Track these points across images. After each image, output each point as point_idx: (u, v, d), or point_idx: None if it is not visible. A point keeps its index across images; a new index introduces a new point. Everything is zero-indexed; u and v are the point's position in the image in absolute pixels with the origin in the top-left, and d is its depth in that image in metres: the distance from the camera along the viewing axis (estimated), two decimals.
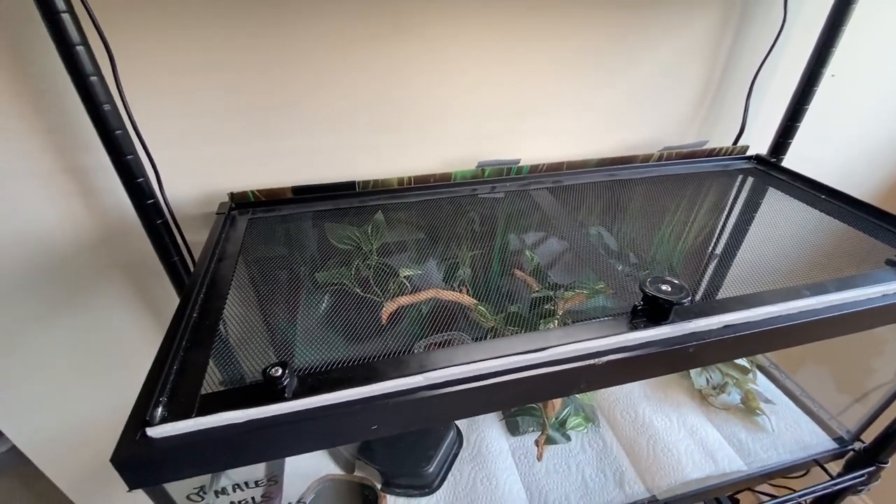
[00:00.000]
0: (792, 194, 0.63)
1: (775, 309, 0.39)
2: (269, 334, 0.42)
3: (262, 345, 0.40)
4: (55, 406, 0.71)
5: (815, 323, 0.40)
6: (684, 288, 0.37)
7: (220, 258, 0.46)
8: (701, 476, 0.59)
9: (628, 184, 0.67)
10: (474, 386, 0.33)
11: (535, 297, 0.61)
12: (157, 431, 0.28)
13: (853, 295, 0.41)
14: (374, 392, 0.31)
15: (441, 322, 0.56)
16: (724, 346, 0.37)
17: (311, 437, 0.31)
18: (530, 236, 0.66)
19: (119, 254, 0.61)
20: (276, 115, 0.58)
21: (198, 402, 0.31)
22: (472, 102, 0.64)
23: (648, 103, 0.70)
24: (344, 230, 0.54)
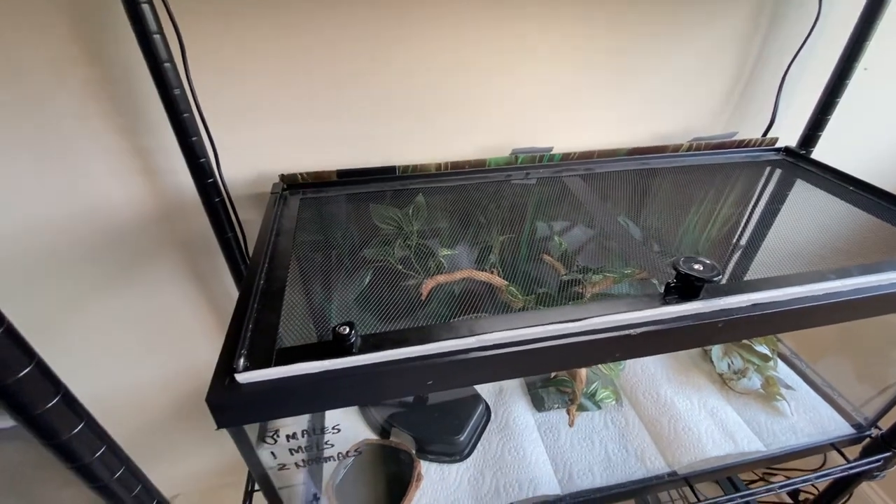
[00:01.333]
0: (820, 186, 0.65)
1: (801, 290, 0.41)
2: (327, 301, 0.46)
3: (322, 310, 0.44)
4: (112, 368, 0.77)
5: (840, 304, 0.42)
6: (716, 267, 0.40)
7: (278, 233, 0.50)
8: (720, 454, 0.62)
9: (658, 173, 0.69)
10: (520, 349, 0.36)
11: (565, 279, 0.64)
12: (243, 377, 0.32)
13: (878, 279, 0.43)
14: (432, 351, 0.35)
15: (471, 302, 0.59)
16: (752, 323, 0.40)
17: (375, 389, 0.35)
18: (560, 222, 0.68)
19: (174, 231, 0.66)
20: (322, 102, 0.61)
21: (275, 356, 0.35)
22: (507, 92, 0.66)
23: (680, 94, 0.72)
24: (387, 211, 0.58)
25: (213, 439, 0.91)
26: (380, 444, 0.62)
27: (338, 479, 0.57)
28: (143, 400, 0.81)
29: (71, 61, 0.51)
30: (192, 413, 0.86)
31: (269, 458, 0.39)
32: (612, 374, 0.65)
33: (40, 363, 0.26)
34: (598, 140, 0.72)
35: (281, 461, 0.40)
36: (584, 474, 0.61)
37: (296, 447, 0.38)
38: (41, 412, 0.26)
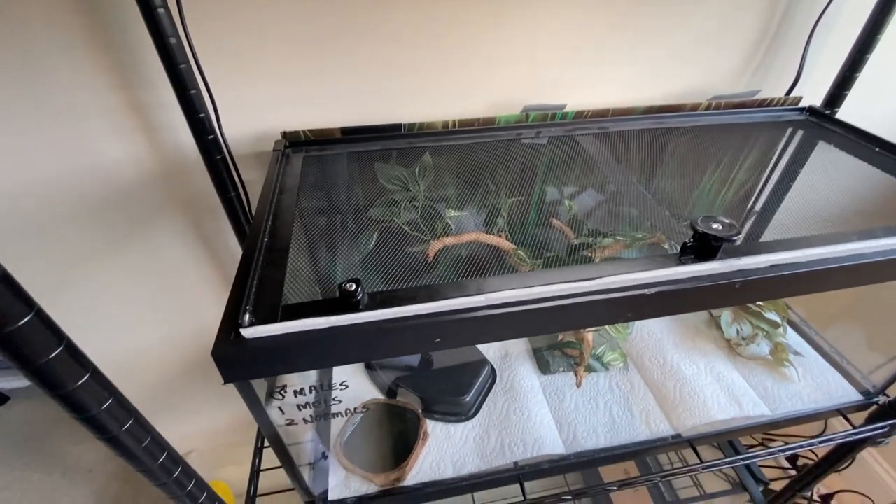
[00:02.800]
0: (844, 147, 0.62)
1: (821, 251, 0.40)
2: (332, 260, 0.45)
3: (326, 268, 0.43)
4: (118, 330, 0.78)
5: (861, 266, 0.40)
6: (735, 226, 0.38)
7: (281, 190, 0.49)
8: (725, 418, 0.62)
9: (674, 132, 0.66)
10: (530, 308, 0.35)
11: (574, 243, 0.63)
12: (248, 332, 0.32)
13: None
14: (439, 309, 0.34)
15: (479, 266, 0.58)
16: (770, 284, 0.39)
17: (382, 346, 0.34)
18: (570, 184, 0.66)
19: (177, 189, 0.65)
20: (326, 56, 0.59)
21: (280, 311, 0.34)
22: (519, 47, 0.63)
23: (701, 51, 0.68)
24: (393, 170, 0.56)
25: (224, 397, 0.93)
26: (387, 403, 0.63)
27: (345, 437, 0.58)
28: (153, 359, 0.82)
29: (62, 9, 0.49)
30: (203, 371, 0.88)
31: (277, 413, 0.39)
32: (619, 336, 0.65)
33: (41, 313, 0.25)
34: (613, 98, 0.69)
35: (289, 417, 0.40)
36: (588, 435, 0.62)
37: (303, 403, 0.38)
38: (45, 362, 0.26)
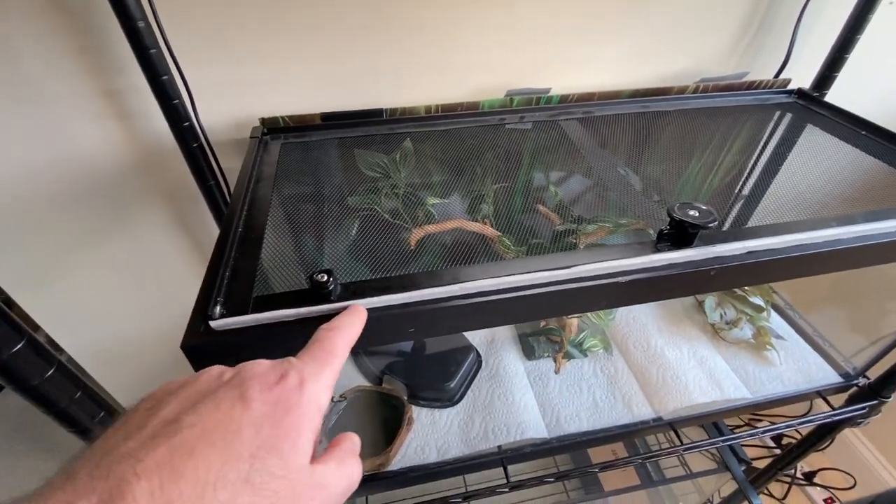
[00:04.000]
0: (831, 131, 0.61)
1: (800, 237, 0.40)
2: (307, 250, 0.45)
3: (302, 258, 0.42)
4: (103, 319, 0.77)
5: (838, 252, 0.40)
6: (712, 213, 0.38)
7: (257, 179, 0.48)
8: (706, 401, 0.63)
9: (661, 116, 0.66)
10: (504, 297, 0.35)
11: (558, 230, 0.63)
12: (218, 324, 0.32)
13: (878, 227, 0.41)
14: (413, 299, 0.34)
15: (463, 254, 0.58)
16: (746, 271, 0.39)
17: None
18: (556, 170, 0.66)
19: (157, 178, 0.64)
20: (305, 40, 0.57)
21: (251, 303, 0.34)
22: (503, 28, 0.62)
23: (688, 32, 0.67)
24: (373, 157, 0.55)
25: None
26: (372, 390, 0.63)
27: (330, 424, 0.59)
28: (139, 349, 0.82)
29: None
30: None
31: None
32: (601, 323, 0.65)
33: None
34: (599, 81, 0.68)
35: None
36: (571, 419, 0.62)
37: None
38: (6, 357, 0.25)
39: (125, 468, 0.17)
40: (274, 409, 0.20)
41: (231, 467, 0.18)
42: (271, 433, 0.20)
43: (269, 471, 0.19)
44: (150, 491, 0.16)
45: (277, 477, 0.19)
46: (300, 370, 0.23)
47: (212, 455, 0.18)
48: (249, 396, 0.20)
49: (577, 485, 1.19)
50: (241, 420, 0.19)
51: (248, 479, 0.18)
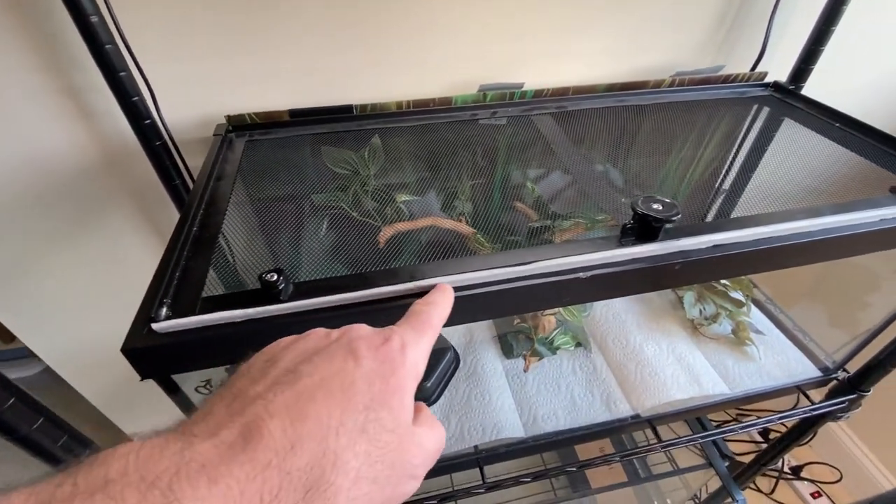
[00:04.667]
0: (806, 123, 0.61)
1: (766, 230, 0.39)
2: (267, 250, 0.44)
3: (259, 258, 0.41)
4: (78, 326, 0.76)
5: (807, 245, 0.40)
6: (675, 206, 0.37)
7: (218, 177, 0.47)
8: (685, 397, 0.62)
9: (637, 111, 0.65)
10: (462, 295, 0.34)
11: (533, 227, 0.62)
12: (161, 326, 0.31)
13: (848, 219, 0.41)
14: (366, 297, 0.33)
15: (438, 252, 0.57)
16: (711, 265, 0.38)
17: None
18: (532, 166, 0.65)
19: (124, 178, 0.62)
20: (273, 35, 0.56)
21: (199, 304, 0.33)
22: (474, 22, 0.61)
23: (663, 25, 0.66)
24: (341, 154, 0.54)
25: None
26: None
27: None
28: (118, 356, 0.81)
29: None
30: None
31: None
32: (574, 319, 0.64)
33: None
34: (573, 75, 0.67)
35: None
36: (548, 418, 0.62)
37: None
38: None
39: (258, 407, 0.18)
40: (381, 368, 0.21)
41: (349, 416, 0.19)
42: (381, 388, 0.21)
43: (381, 423, 0.20)
44: (282, 428, 0.18)
45: (388, 430, 0.20)
46: (402, 335, 0.24)
47: (331, 402, 0.19)
48: (360, 353, 0.22)
49: (564, 483, 1.18)
50: (353, 374, 0.21)
51: (363, 428, 0.19)
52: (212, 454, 0.16)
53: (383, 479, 0.19)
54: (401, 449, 0.20)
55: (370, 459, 0.19)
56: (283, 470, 0.17)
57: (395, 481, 0.20)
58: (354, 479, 0.18)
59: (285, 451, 0.17)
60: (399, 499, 0.21)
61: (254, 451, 0.17)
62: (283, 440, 0.17)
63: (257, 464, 0.17)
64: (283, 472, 0.17)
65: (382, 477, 0.19)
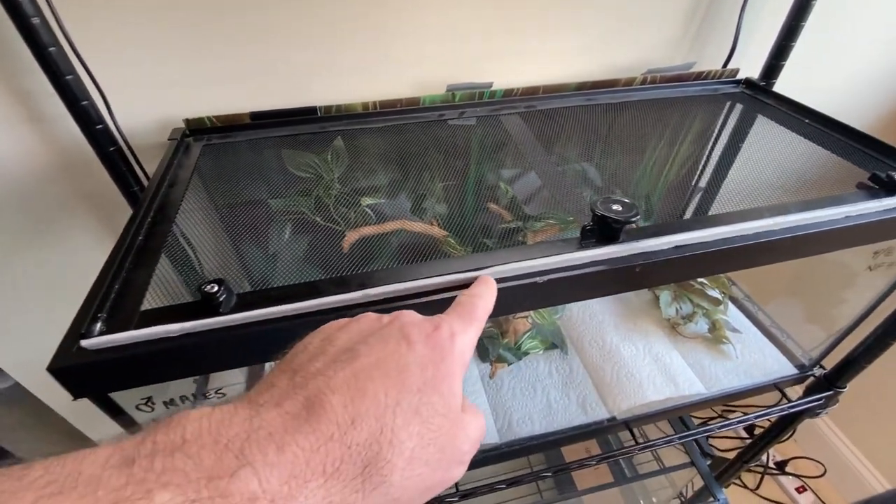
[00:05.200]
0: (777, 120, 0.60)
1: (729, 229, 0.38)
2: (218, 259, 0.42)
3: (209, 268, 0.40)
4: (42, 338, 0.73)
5: (770, 244, 0.39)
6: (634, 207, 0.36)
7: (170, 184, 0.45)
8: (661, 398, 0.62)
9: (609, 109, 0.64)
10: (413, 303, 0.33)
11: (504, 228, 0.61)
12: (91, 343, 0.29)
13: (813, 216, 0.40)
14: (312, 307, 0.32)
15: (413, 256, 0.56)
16: (673, 266, 0.37)
17: (249, 351, 0.32)
18: (503, 166, 0.64)
19: (80, 186, 0.60)
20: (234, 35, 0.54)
21: (137, 318, 0.31)
22: (441, 20, 0.59)
23: (633, 23, 0.66)
24: (302, 157, 0.53)
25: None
26: None
27: None
28: None
29: None
30: None
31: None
32: (545, 322, 0.63)
33: None
34: (543, 74, 0.66)
35: None
36: (523, 422, 0.61)
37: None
38: None
39: (319, 382, 0.19)
40: (432, 354, 0.22)
41: (404, 397, 0.20)
42: (433, 373, 0.21)
43: (433, 407, 0.20)
44: (342, 403, 0.18)
45: (440, 414, 0.20)
46: (450, 324, 0.24)
47: (388, 382, 0.20)
48: (412, 339, 0.22)
49: (550, 484, 1.18)
50: (407, 357, 0.21)
51: (417, 410, 0.20)
52: (278, 423, 0.17)
53: (434, 462, 0.20)
54: (451, 434, 0.21)
55: (423, 441, 0.19)
56: (344, 443, 0.17)
57: (446, 465, 0.21)
58: (409, 458, 0.19)
59: (346, 425, 0.18)
60: (446, 484, 0.21)
61: (317, 422, 0.17)
62: (344, 415, 0.18)
63: (321, 435, 0.17)
64: (344, 445, 0.17)
65: (434, 460, 0.20)
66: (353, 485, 0.17)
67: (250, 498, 0.15)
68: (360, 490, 0.17)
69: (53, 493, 0.14)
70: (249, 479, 0.15)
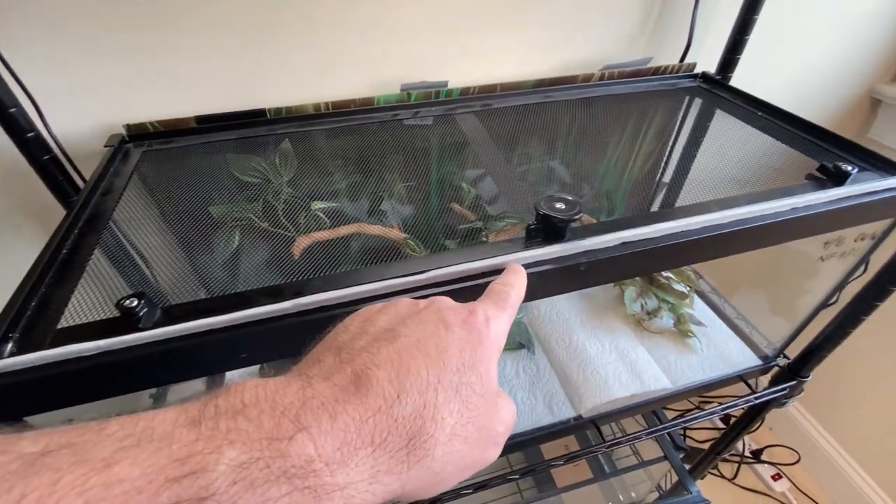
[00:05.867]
0: (734, 113, 0.61)
1: (676, 224, 0.38)
2: (153, 270, 0.40)
3: (142, 280, 0.38)
4: None
5: (719, 237, 0.39)
6: (577, 205, 0.35)
7: (104, 192, 0.43)
8: (626, 395, 0.61)
9: (567, 106, 0.64)
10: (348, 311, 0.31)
11: (466, 229, 0.60)
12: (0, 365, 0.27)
13: (761, 209, 0.40)
14: (239, 320, 0.30)
15: (370, 261, 0.54)
16: (619, 263, 0.37)
17: (174, 368, 0.30)
18: (465, 165, 0.63)
19: (19, 197, 0.57)
20: (178, 35, 0.52)
21: (51, 337, 0.29)
22: (392, 18, 0.58)
23: (589, 19, 0.65)
24: (249, 161, 0.51)
25: None
26: None
27: None
28: None
29: None
30: None
31: None
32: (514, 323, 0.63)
33: None
34: (500, 72, 0.66)
35: None
36: None
37: None
38: None
39: (365, 358, 0.20)
40: (469, 337, 0.22)
41: (445, 375, 0.20)
42: (471, 355, 0.22)
43: (472, 387, 0.21)
44: (388, 378, 0.19)
45: (477, 394, 0.21)
46: (485, 310, 0.25)
47: (429, 361, 0.20)
48: (449, 322, 0.23)
49: (531, 483, 1.17)
50: (446, 339, 0.22)
51: (457, 389, 0.21)
52: (328, 394, 0.18)
53: (473, 441, 0.21)
54: (488, 414, 0.22)
55: (462, 419, 0.20)
56: (391, 416, 0.18)
57: (483, 444, 0.21)
58: (450, 434, 0.20)
59: (392, 399, 0.19)
60: (483, 463, 0.22)
61: (365, 395, 0.18)
62: (390, 389, 0.19)
63: (369, 407, 0.18)
64: (391, 418, 0.18)
65: (472, 438, 0.21)
66: (398, 456, 0.18)
67: (307, 460, 0.16)
68: (404, 462, 0.18)
69: (132, 444, 0.15)
70: (306, 443, 0.16)
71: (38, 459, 0.14)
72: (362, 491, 0.17)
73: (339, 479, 0.17)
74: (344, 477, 0.17)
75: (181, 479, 0.14)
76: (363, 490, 0.17)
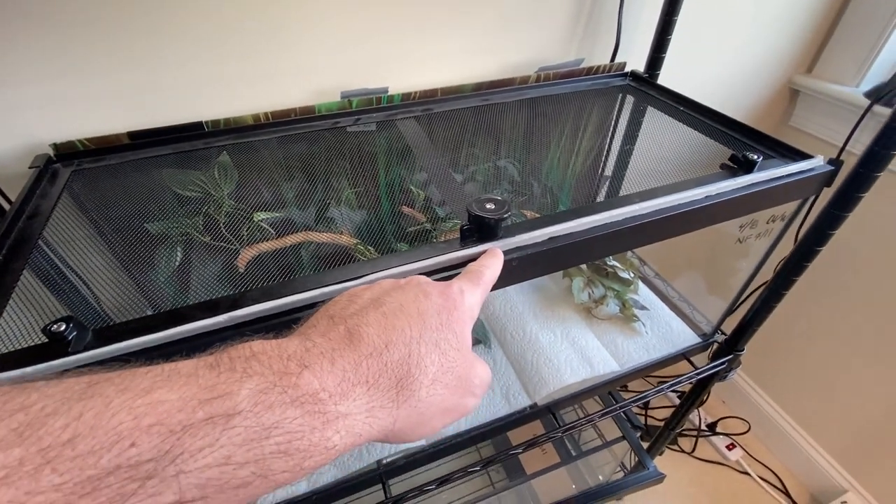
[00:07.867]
0: (661, 109, 0.65)
1: (598, 218, 0.40)
2: (84, 293, 0.40)
3: (73, 304, 0.37)
4: None
5: (640, 227, 0.42)
6: (506, 204, 0.37)
7: (30, 216, 0.42)
8: (578, 380, 0.64)
9: (506, 108, 0.66)
10: (281, 321, 0.32)
11: (414, 231, 0.61)
12: None
13: (678, 198, 0.43)
14: (174, 336, 0.30)
15: (320, 267, 0.55)
16: (547, 257, 0.39)
17: None
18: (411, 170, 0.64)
19: None
20: (102, 47, 0.51)
21: None
22: (332, 26, 0.59)
23: (521, 23, 0.68)
24: (187, 175, 0.50)
25: None
26: None
27: None
28: None
29: None
30: None
31: None
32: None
33: None
34: (439, 77, 0.67)
35: None
36: None
37: None
38: None
39: (356, 319, 0.24)
40: (446, 303, 0.26)
41: (426, 332, 0.24)
42: (447, 318, 0.26)
43: (449, 342, 0.25)
44: (376, 333, 0.23)
45: (454, 349, 0.25)
46: (460, 283, 0.29)
47: (411, 321, 0.24)
48: (428, 291, 0.27)
49: (502, 475, 1.20)
50: (425, 304, 0.26)
51: (437, 343, 0.24)
52: (327, 346, 0.22)
53: (452, 387, 0.24)
54: (465, 366, 0.25)
55: (443, 368, 0.24)
56: (381, 361, 0.22)
57: (461, 393, 0.25)
58: (432, 380, 0.23)
59: (381, 348, 0.22)
60: (463, 409, 0.26)
61: (358, 345, 0.22)
62: (379, 341, 0.23)
63: (361, 353, 0.22)
64: (381, 362, 0.22)
65: (452, 385, 0.24)
66: (389, 395, 0.22)
67: (314, 392, 0.19)
68: (395, 400, 0.22)
69: (164, 380, 0.17)
70: (311, 379, 0.20)
71: (87, 389, 0.16)
72: (360, 422, 0.21)
73: (341, 408, 0.20)
74: (345, 407, 0.20)
75: (211, 400, 0.17)
76: (361, 421, 0.21)
